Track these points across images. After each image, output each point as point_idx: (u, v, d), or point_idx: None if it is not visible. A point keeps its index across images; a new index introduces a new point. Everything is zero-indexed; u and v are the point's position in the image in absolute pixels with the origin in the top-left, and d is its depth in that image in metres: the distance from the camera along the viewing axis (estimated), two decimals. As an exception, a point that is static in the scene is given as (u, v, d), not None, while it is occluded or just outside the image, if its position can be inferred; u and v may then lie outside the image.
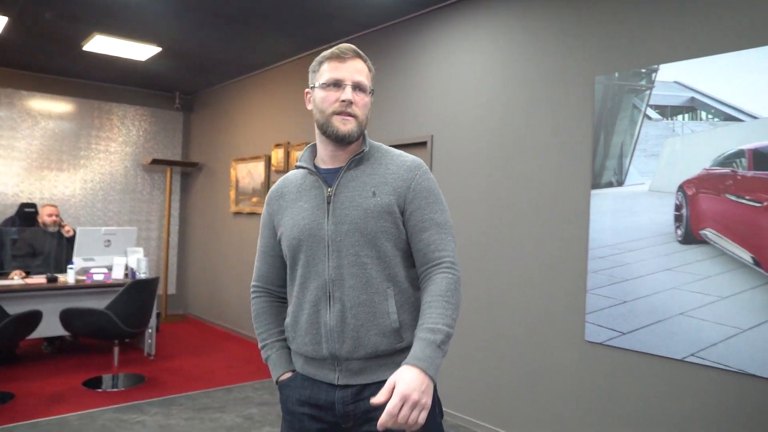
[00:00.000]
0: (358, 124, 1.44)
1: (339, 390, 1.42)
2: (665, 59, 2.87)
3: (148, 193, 7.27)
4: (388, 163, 1.48)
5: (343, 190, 1.45)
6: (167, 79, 6.62)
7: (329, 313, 1.41)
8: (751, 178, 2.56)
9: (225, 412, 3.83)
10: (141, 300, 4.34)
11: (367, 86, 1.47)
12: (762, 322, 2.51)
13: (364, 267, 1.40)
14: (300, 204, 1.49)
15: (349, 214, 1.41)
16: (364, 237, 1.40)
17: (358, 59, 1.47)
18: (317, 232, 1.44)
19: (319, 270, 1.43)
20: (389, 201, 1.42)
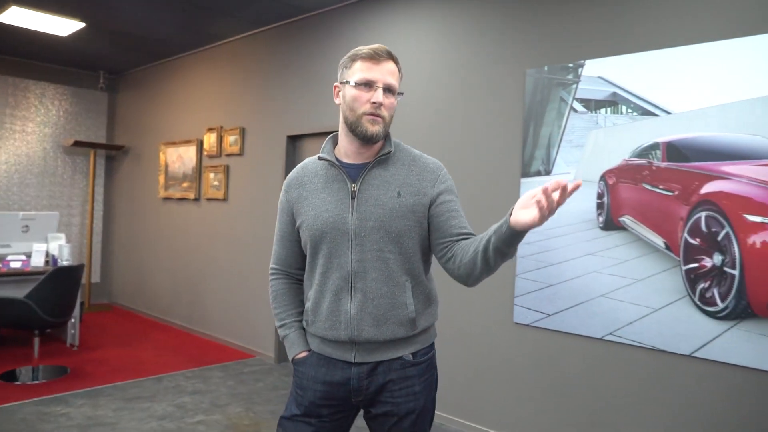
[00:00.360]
0: (384, 125, 1.52)
1: (355, 367, 1.53)
2: (590, 55, 3.02)
3: (69, 176, 6.91)
4: (411, 164, 1.57)
5: (367, 188, 1.52)
6: (91, 57, 6.30)
7: (350, 302, 1.50)
8: (664, 169, 2.76)
9: (156, 402, 3.75)
10: (64, 288, 4.15)
11: (396, 88, 1.53)
12: (671, 302, 2.72)
13: (387, 261, 1.50)
14: (322, 196, 1.55)
15: (375, 212, 1.49)
16: (389, 234, 1.49)
17: (390, 61, 1.52)
18: (341, 226, 1.51)
19: (342, 262, 1.51)
20: (413, 201, 1.52)
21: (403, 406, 1.53)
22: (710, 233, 2.60)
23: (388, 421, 1.55)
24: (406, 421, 1.53)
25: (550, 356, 3.13)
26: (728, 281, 2.55)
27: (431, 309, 1.59)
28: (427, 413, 1.58)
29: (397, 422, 1.54)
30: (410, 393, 1.54)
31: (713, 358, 2.59)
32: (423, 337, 1.59)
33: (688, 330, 2.67)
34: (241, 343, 5.20)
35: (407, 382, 1.54)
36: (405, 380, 1.54)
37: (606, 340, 2.92)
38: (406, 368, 1.54)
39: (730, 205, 2.54)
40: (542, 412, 3.14)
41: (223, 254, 5.44)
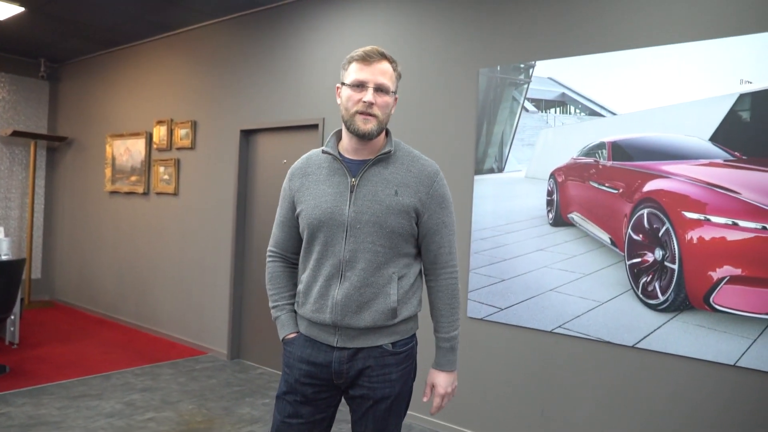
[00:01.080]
0: (378, 123, 1.59)
1: (337, 351, 1.63)
2: (541, 56, 3.12)
3: (6, 168, 6.59)
4: (410, 165, 1.66)
5: (366, 184, 1.61)
6: (31, 43, 6.02)
7: (338, 288, 1.60)
8: (610, 168, 2.88)
9: (104, 399, 3.64)
10: (4, 284, 3.97)
11: (388, 87, 1.60)
12: (616, 296, 2.85)
13: (377, 254, 1.59)
14: (323, 187, 1.64)
15: (371, 207, 1.59)
16: (382, 229, 1.58)
17: (383, 61, 1.60)
18: (338, 217, 1.60)
19: (335, 250, 1.61)
20: (409, 202, 1.61)
21: (379, 391, 1.63)
22: (652, 229, 2.74)
23: (364, 404, 1.65)
24: (382, 405, 1.65)
25: (503, 349, 3.22)
26: (668, 275, 2.69)
27: (413, 301, 1.68)
28: (402, 400, 1.70)
29: (373, 405, 1.65)
30: (387, 380, 1.64)
31: (654, 349, 2.73)
32: (403, 328, 1.68)
33: (632, 322, 2.80)
34: (193, 340, 5.10)
35: (384, 370, 1.64)
36: (383, 368, 1.64)
37: (555, 332, 3.03)
38: (384, 356, 1.64)
39: (670, 203, 2.68)
40: (494, 404, 3.23)
41: (174, 250, 5.33)
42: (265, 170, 4.65)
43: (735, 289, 2.53)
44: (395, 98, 1.67)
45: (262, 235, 4.64)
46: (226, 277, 4.81)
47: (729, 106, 2.57)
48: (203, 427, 3.30)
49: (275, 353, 4.49)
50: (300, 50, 4.32)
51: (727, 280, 2.55)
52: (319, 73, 4.18)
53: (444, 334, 1.71)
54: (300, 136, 4.37)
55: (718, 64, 2.60)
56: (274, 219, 1.80)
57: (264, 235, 4.61)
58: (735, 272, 2.53)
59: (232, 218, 4.76)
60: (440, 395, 1.70)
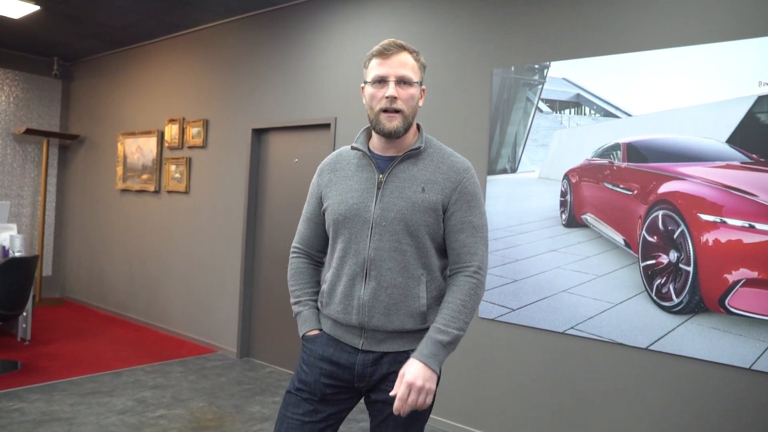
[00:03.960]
0: (403, 118, 1.54)
1: (362, 354, 1.57)
2: (556, 57, 3.11)
3: (19, 165, 6.64)
4: (440, 162, 1.59)
5: (393, 180, 1.56)
6: (45, 42, 6.07)
7: (364, 288, 1.54)
8: (624, 169, 2.87)
9: (115, 396, 3.66)
10: (17, 280, 4.00)
11: (411, 78, 1.54)
12: (629, 297, 2.84)
13: (404, 253, 1.53)
14: (350, 183, 1.60)
15: (397, 204, 1.53)
16: (408, 227, 1.52)
17: (403, 52, 1.55)
18: (363, 214, 1.55)
19: (360, 248, 1.55)
20: (436, 199, 1.54)
21: None
22: (667, 231, 2.72)
23: (386, 409, 1.57)
24: None
25: (515, 350, 3.21)
26: (683, 277, 2.68)
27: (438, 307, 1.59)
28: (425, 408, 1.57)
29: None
30: None
31: (668, 351, 2.71)
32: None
33: (645, 324, 2.78)
34: (203, 338, 5.12)
35: None
36: None
37: (568, 334, 3.02)
38: None
39: (686, 205, 2.67)
40: (506, 406, 3.23)
41: (185, 248, 5.35)
42: (276, 169, 4.66)
43: (751, 291, 2.51)
44: (422, 89, 1.61)
45: (273, 234, 4.64)
46: (236, 276, 4.82)
47: (747, 108, 2.55)
48: (214, 424, 3.31)
49: (285, 352, 4.50)
50: (312, 50, 4.32)
51: (743, 282, 2.53)
52: (331, 72, 4.18)
53: (440, 325, 1.50)
54: (312, 135, 4.37)
55: (735, 66, 2.58)
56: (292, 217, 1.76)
57: (275, 234, 4.62)
58: (751, 275, 2.51)
59: (242, 217, 4.78)
60: (407, 383, 1.44)
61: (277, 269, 4.60)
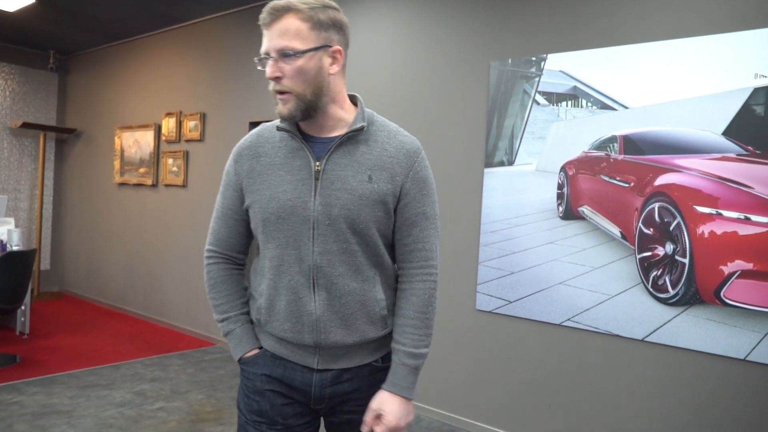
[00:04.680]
0: (297, 99, 1.25)
1: (317, 373, 1.34)
2: (553, 49, 3.11)
3: (16, 159, 6.63)
4: (385, 142, 1.32)
5: (334, 168, 1.28)
6: (41, 35, 6.04)
7: (314, 302, 1.30)
8: (621, 162, 2.88)
9: (114, 389, 3.68)
10: (15, 274, 4.01)
11: (293, 48, 1.21)
12: (626, 289, 2.85)
13: (354, 254, 1.30)
14: (280, 173, 1.31)
15: (341, 197, 1.27)
16: (355, 225, 1.28)
17: (285, 16, 1.22)
18: (301, 212, 1.28)
19: (302, 254, 1.29)
20: (386, 189, 1.29)
21: None
22: (663, 223, 2.73)
23: (351, 430, 1.39)
24: None
25: (512, 342, 3.23)
26: (679, 269, 2.69)
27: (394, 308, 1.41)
28: None
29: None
30: None
31: (664, 342, 2.73)
32: (389, 340, 1.40)
33: (642, 316, 2.80)
34: (201, 331, 5.13)
35: (375, 389, 1.35)
36: (373, 387, 1.35)
37: (565, 325, 3.04)
38: (376, 374, 1.37)
39: (682, 197, 2.68)
40: (503, 397, 3.25)
41: (182, 241, 5.35)
42: (273, 163, 4.65)
43: (746, 283, 2.53)
44: (333, 51, 1.26)
45: (271, 228, 4.64)
46: (235, 269, 4.82)
47: (743, 101, 2.56)
48: (213, 417, 3.33)
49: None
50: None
51: (738, 274, 2.54)
52: (328, 65, 4.17)
53: (411, 349, 1.33)
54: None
55: (732, 58, 2.59)
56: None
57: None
58: (747, 267, 2.52)
59: (240, 210, 4.77)
60: (389, 427, 1.29)
61: (275, 262, 4.60)
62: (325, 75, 1.26)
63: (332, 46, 1.26)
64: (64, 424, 3.10)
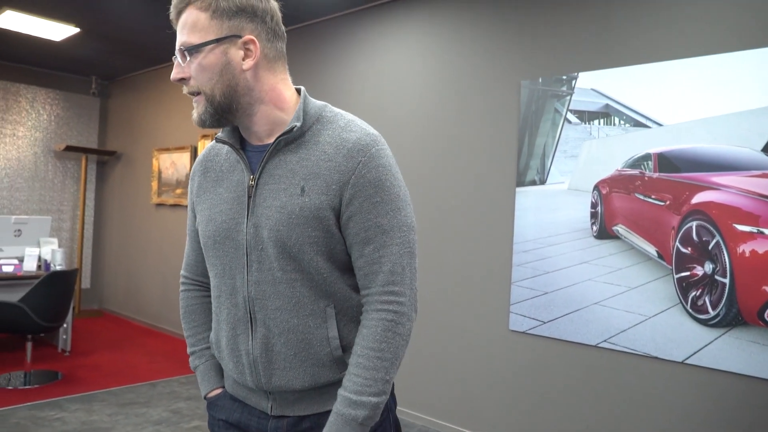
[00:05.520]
0: (207, 101, 1.07)
1: (273, 420, 1.16)
2: (583, 68, 3.10)
3: (60, 181, 6.88)
4: (326, 143, 1.08)
5: (267, 180, 1.09)
6: (83, 62, 6.29)
7: (251, 339, 1.13)
8: (656, 180, 2.83)
9: (151, 407, 3.74)
10: (58, 293, 4.13)
11: (195, 43, 1.04)
12: (663, 310, 2.79)
13: (292, 284, 1.09)
14: (219, 191, 1.16)
15: (272, 217, 1.07)
16: (288, 248, 1.07)
17: (187, 9, 1.06)
18: (234, 235, 1.12)
19: (236, 284, 1.13)
20: (319, 202, 1.06)
21: None
22: (701, 242, 2.67)
23: None
24: None
25: (546, 363, 3.18)
26: (719, 289, 2.62)
27: None
28: None
29: None
30: None
31: (705, 365, 2.65)
32: None
33: (681, 337, 2.73)
34: (234, 350, 5.19)
35: None
36: None
37: (600, 347, 2.98)
38: None
39: (720, 215, 2.62)
40: (537, 419, 3.19)
41: (217, 260, 5.44)
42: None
43: (791, 304, 2.45)
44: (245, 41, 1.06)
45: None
46: (268, 288, 4.88)
47: (782, 116, 2.50)
48: (247, 436, 3.36)
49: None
50: (340, 63, 4.38)
51: (782, 295, 2.46)
52: (358, 88, 4.23)
53: (350, 394, 1.06)
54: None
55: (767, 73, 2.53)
56: None
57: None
58: (790, 287, 2.44)
59: (273, 230, 4.84)
60: None
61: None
62: (237, 71, 1.06)
63: (242, 36, 1.05)
64: (104, 441, 3.18)
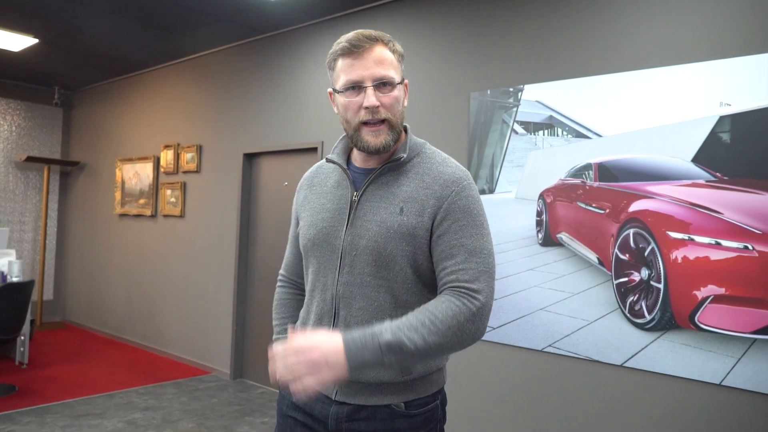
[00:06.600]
0: (391, 129, 1.25)
1: (335, 405, 1.29)
2: (529, 80, 3.20)
3: (21, 192, 6.79)
4: (425, 173, 1.27)
5: (369, 198, 1.28)
6: (45, 72, 6.25)
7: (331, 330, 1.26)
8: (597, 189, 2.94)
9: (106, 418, 3.72)
10: (13, 305, 4.09)
11: (393, 78, 1.25)
12: (604, 315, 2.88)
13: (378, 290, 1.24)
14: (323, 202, 1.36)
15: (370, 229, 1.25)
16: (382, 258, 1.23)
17: (377, 45, 1.25)
18: (333, 240, 1.29)
19: (328, 282, 1.30)
20: (415, 223, 1.23)
21: None
22: (638, 249, 2.78)
23: None
24: None
25: (495, 368, 3.25)
26: (654, 294, 2.72)
27: None
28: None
29: None
30: None
31: (642, 368, 2.75)
32: (421, 385, 1.28)
33: (620, 341, 2.82)
34: (197, 360, 5.18)
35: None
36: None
37: (546, 351, 3.06)
38: (394, 419, 1.26)
39: (655, 223, 2.72)
40: (488, 423, 3.25)
41: (180, 271, 5.43)
42: (267, 192, 4.76)
43: (719, 308, 2.56)
44: (405, 85, 1.31)
45: (265, 257, 4.72)
46: (230, 298, 4.89)
47: (710, 128, 2.62)
48: (201, 445, 3.36)
49: (277, 373, 4.54)
50: (300, 76, 4.44)
51: (711, 299, 2.57)
52: (318, 97, 4.29)
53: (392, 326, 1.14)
54: (300, 159, 4.47)
55: (699, 87, 2.66)
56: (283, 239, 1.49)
57: (266, 256, 4.70)
58: (719, 291, 2.55)
59: (235, 240, 4.86)
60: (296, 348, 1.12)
61: (269, 291, 4.67)
62: (403, 107, 1.30)
63: (405, 79, 1.32)
64: (54, 453, 3.16)
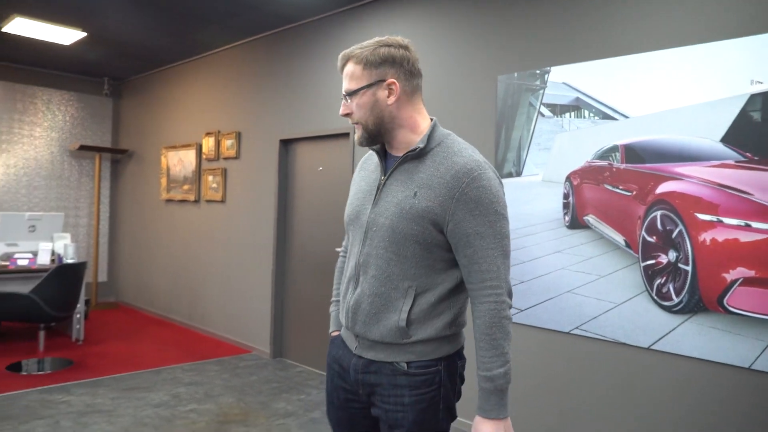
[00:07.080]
0: (363, 128, 1.48)
1: (355, 357, 1.52)
2: (555, 62, 3.18)
3: (76, 179, 7.15)
4: (440, 163, 1.42)
5: (392, 182, 1.47)
6: (95, 64, 6.53)
7: (352, 293, 1.50)
8: (623, 170, 2.91)
9: (152, 392, 3.95)
10: (67, 284, 4.37)
11: (352, 89, 1.46)
12: (631, 297, 2.87)
13: (388, 262, 1.44)
14: (362, 185, 1.57)
15: (389, 209, 1.44)
16: (394, 235, 1.42)
17: (347, 64, 1.48)
18: (362, 216, 1.51)
19: (354, 252, 1.53)
20: (426, 206, 1.39)
21: (392, 414, 1.45)
22: (665, 231, 2.75)
23: (383, 426, 1.49)
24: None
25: (522, 350, 3.28)
26: (682, 277, 2.70)
27: (437, 323, 1.44)
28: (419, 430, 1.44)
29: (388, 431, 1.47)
30: (399, 403, 1.44)
31: (669, 351, 2.73)
32: (422, 349, 1.45)
33: (647, 324, 2.81)
34: (239, 339, 5.39)
35: (396, 391, 1.44)
36: (394, 388, 1.45)
37: (573, 333, 3.07)
38: (396, 375, 1.45)
39: (683, 205, 2.69)
40: (513, 403, 3.30)
41: (222, 253, 5.65)
42: (302, 177, 4.88)
43: (749, 290, 2.52)
44: (388, 83, 1.44)
45: (302, 239, 4.86)
46: (268, 279, 5.06)
47: (740, 107, 2.56)
48: (239, 419, 3.54)
49: (314, 352, 4.69)
50: (331, 63, 4.52)
51: (740, 281, 2.53)
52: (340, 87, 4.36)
53: (483, 372, 1.39)
54: (333, 144, 4.56)
55: (729, 65, 2.59)
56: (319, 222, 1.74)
57: (303, 239, 4.84)
58: (748, 274, 2.51)
59: (273, 222, 5.02)
60: None
61: (306, 272, 4.81)
62: (383, 105, 1.45)
63: (386, 79, 1.45)
64: (104, 422, 3.38)
